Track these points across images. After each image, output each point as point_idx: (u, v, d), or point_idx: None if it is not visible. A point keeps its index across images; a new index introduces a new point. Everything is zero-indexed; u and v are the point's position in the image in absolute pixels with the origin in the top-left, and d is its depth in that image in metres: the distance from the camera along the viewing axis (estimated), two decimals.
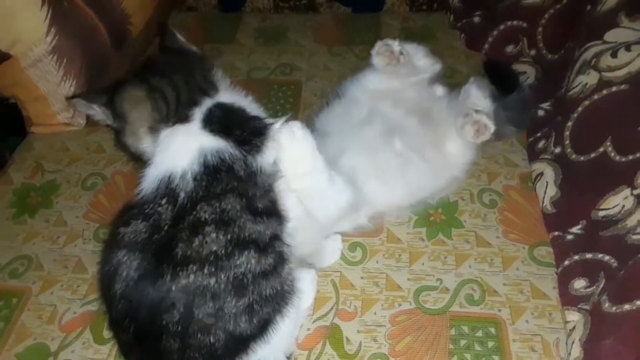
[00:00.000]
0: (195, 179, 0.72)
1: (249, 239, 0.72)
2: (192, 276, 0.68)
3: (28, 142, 1.29)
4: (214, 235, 0.70)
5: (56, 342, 0.89)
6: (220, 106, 0.79)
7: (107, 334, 0.89)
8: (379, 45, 1.04)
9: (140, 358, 0.75)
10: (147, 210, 0.72)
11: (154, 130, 0.78)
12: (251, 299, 0.71)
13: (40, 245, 1.05)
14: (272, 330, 0.75)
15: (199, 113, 0.77)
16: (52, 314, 0.93)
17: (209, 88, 0.81)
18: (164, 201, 0.72)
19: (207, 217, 0.70)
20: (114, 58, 1.37)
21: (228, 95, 0.82)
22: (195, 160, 0.73)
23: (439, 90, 1.11)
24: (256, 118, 0.81)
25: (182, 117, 0.77)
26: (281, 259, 0.76)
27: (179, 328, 0.69)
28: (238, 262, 0.70)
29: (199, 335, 0.69)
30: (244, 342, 0.73)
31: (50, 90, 1.25)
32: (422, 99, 1.07)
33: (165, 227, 0.71)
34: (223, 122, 0.77)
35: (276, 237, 0.76)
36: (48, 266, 1.01)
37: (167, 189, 0.73)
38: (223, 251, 0.70)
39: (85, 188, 1.15)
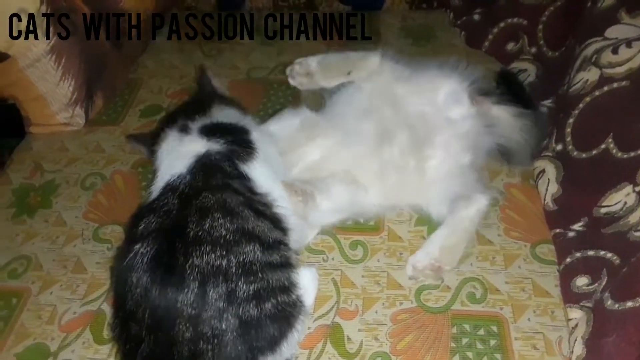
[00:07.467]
0: (191, 172, 0.81)
1: (253, 233, 0.77)
2: (204, 256, 0.72)
3: (27, 142, 1.29)
4: (221, 221, 0.75)
5: (56, 342, 0.89)
6: (215, 122, 0.92)
7: (107, 334, 0.88)
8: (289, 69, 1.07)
9: (151, 351, 0.73)
10: (154, 206, 0.79)
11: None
12: (259, 286, 0.74)
13: (40, 245, 1.04)
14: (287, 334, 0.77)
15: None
16: (51, 314, 0.93)
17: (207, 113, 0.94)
18: (169, 194, 0.80)
19: (211, 203, 0.76)
20: (113, 57, 1.36)
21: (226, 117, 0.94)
22: (192, 160, 0.83)
23: (454, 111, 1.01)
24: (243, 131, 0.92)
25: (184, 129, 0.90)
26: (287, 262, 0.81)
27: (193, 312, 0.70)
28: (245, 250, 0.75)
29: (212, 322, 0.71)
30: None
31: (49, 90, 1.24)
32: (425, 114, 1.01)
33: (174, 212, 0.77)
34: (214, 131, 0.89)
35: (281, 242, 0.82)
36: (47, 266, 1.00)
37: (169, 186, 0.81)
38: (231, 237, 0.74)
39: (84, 188, 1.15)
